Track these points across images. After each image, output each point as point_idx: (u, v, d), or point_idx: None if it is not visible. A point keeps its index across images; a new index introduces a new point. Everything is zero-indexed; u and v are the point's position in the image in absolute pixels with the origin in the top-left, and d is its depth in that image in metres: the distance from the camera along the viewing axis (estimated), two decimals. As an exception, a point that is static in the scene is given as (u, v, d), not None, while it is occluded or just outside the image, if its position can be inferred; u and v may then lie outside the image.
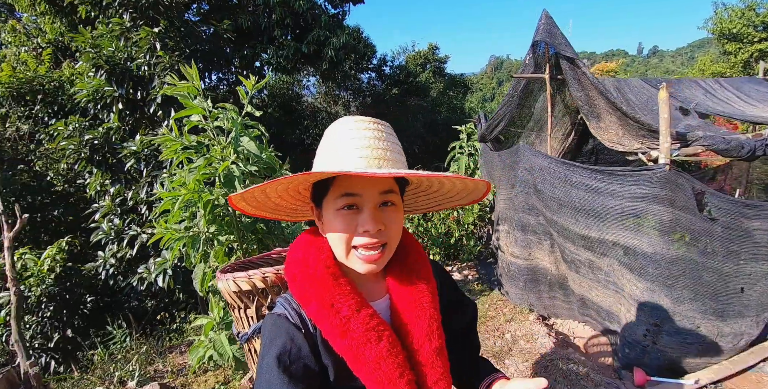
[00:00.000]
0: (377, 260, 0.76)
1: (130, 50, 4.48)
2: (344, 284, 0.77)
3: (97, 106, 4.84)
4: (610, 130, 2.98)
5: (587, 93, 3.00)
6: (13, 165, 6.58)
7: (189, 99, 2.96)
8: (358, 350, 0.73)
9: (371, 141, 0.75)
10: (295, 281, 0.80)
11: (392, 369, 0.73)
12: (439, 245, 4.87)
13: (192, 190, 2.94)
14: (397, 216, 0.79)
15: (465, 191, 0.90)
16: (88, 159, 4.58)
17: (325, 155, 0.78)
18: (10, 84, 5.89)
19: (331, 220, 0.77)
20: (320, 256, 0.80)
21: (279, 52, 7.92)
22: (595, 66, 12.08)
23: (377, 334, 0.74)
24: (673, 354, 2.85)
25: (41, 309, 4.78)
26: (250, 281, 1.64)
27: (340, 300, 0.75)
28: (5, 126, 6.17)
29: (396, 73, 12.87)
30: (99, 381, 3.68)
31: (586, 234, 3.09)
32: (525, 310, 3.84)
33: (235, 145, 3.01)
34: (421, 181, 0.89)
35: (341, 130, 0.78)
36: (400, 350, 0.76)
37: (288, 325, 0.78)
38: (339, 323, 0.73)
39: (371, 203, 0.75)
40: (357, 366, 0.74)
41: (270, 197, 0.86)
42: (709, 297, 2.77)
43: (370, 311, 0.76)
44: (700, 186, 2.56)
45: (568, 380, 2.87)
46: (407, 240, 0.91)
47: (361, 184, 0.75)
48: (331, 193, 0.77)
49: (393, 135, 0.82)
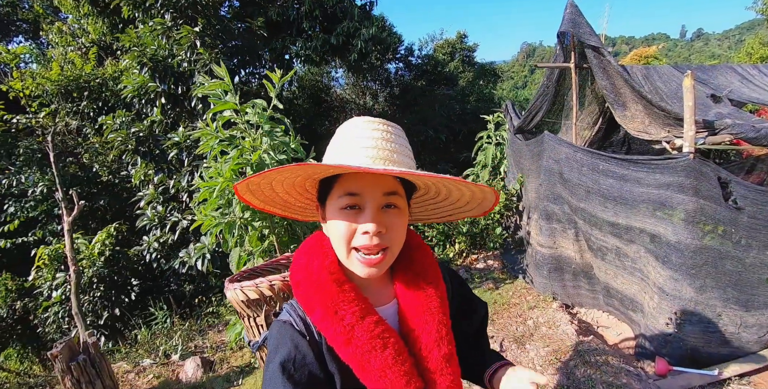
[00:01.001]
0: (377, 264, 0.75)
1: (171, 48, 4.74)
2: (348, 290, 0.76)
3: (141, 100, 5.16)
4: (636, 119, 2.97)
5: (612, 81, 2.99)
6: (62, 157, 7.06)
7: (221, 96, 3.16)
8: (363, 357, 0.72)
9: (378, 141, 0.74)
10: (299, 287, 0.79)
11: (398, 377, 0.71)
12: (465, 233, 4.94)
13: (227, 179, 3.16)
14: (401, 221, 0.77)
15: (475, 200, 0.88)
16: (134, 150, 4.90)
17: (332, 153, 0.78)
18: (58, 82, 6.31)
19: (332, 219, 0.77)
20: (324, 262, 0.79)
21: (307, 44, 8.07)
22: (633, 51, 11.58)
23: (383, 342, 0.72)
24: (696, 344, 2.84)
25: (93, 289, 5.20)
26: (257, 289, 1.62)
27: (344, 307, 0.73)
28: (55, 121, 6.63)
29: (423, 62, 12.80)
30: (146, 353, 4.02)
31: (614, 221, 3.10)
32: (548, 298, 3.89)
33: (266, 136, 3.20)
34: (428, 188, 0.87)
35: (350, 130, 0.78)
36: (407, 357, 0.75)
37: (293, 332, 0.77)
38: (343, 330, 0.72)
39: (373, 204, 0.74)
40: (363, 373, 0.73)
41: (277, 192, 0.86)
42: (732, 287, 2.75)
43: (376, 318, 0.75)
44: (726, 174, 2.54)
45: (589, 365, 2.92)
46: (414, 242, 0.90)
47: (365, 184, 0.74)
48: (334, 192, 0.76)
49: (402, 137, 0.81)
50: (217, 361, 3.72)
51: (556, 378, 2.85)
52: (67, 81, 6.52)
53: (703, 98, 3.18)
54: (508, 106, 4.81)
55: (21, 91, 6.31)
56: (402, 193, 0.78)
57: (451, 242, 5.11)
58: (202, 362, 3.65)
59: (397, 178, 0.77)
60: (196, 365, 3.64)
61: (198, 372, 3.57)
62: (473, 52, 13.82)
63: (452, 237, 5.11)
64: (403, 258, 0.85)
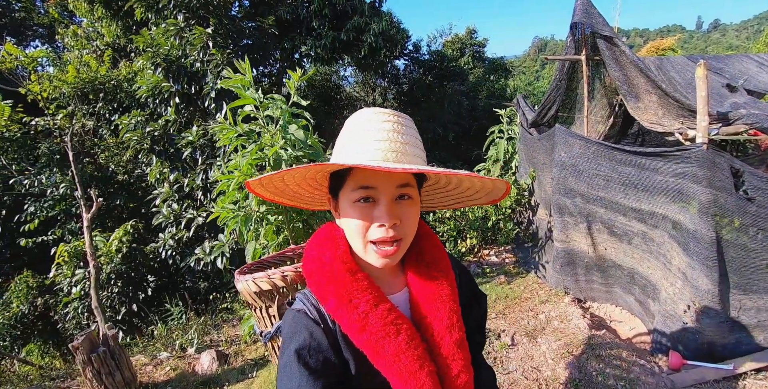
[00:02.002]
0: (392, 254, 0.76)
1: (184, 48, 4.83)
2: (362, 279, 0.77)
3: (156, 100, 5.25)
4: (649, 111, 2.93)
5: (625, 72, 2.96)
6: (80, 158, 7.22)
7: (243, 90, 3.21)
8: (377, 344, 0.73)
9: (390, 134, 0.74)
10: (312, 277, 0.81)
11: (411, 361, 0.73)
12: (476, 229, 4.94)
13: (245, 173, 3.21)
14: (414, 211, 0.79)
15: (484, 190, 0.89)
16: (149, 149, 5.00)
17: (343, 146, 0.78)
18: (75, 84, 6.45)
19: (347, 213, 0.77)
20: (336, 252, 0.81)
21: (317, 43, 8.12)
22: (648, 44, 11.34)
23: (396, 328, 0.74)
24: (712, 338, 2.79)
25: (110, 285, 5.33)
26: (270, 281, 1.63)
27: (358, 296, 0.75)
28: (72, 122, 6.78)
29: (432, 58, 12.76)
30: (163, 347, 4.11)
31: (637, 207, 3.08)
32: (560, 293, 3.87)
33: (283, 132, 3.24)
34: (439, 178, 0.88)
35: (360, 122, 0.78)
36: (419, 342, 0.76)
37: (307, 321, 0.78)
38: (358, 318, 0.74)
39: (387, 196, 0.75)
40: (377, 359, 0.74)
41: (288, 185, 0.87)
42: (750, 281, 2.70)
43: (389, 305, 0.77)
44: (740, 165, 2.50)
45: (600, 359, 2.91)
46: (424, 232, 0.91)
47: (378, 177, 0.74)
48: (348, 185, 0.77)
49: (413, 129, 0.81)
50: (232, 354, 3.79)
51: (568, 371, 2.84)
52: (83, 83, 6.67)
53: (718, 88, 3.13)
54: (520, 100, 4.79)
55: (39, 94, 6.47)
56: (414, 184, 0.79)
57: (462, 237, 5.11)
58: (218, 355, 3.72)
59: None
60: (212, 358, 3.71)
61: (213, 365, 3.64)
62: (483, 47, 13.72)
63: (463, 232, 5.11)
64: (414, 248, 0.86)
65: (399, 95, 13.30)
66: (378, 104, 13.80)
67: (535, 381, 2.80)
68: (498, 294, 3.98)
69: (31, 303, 6.04)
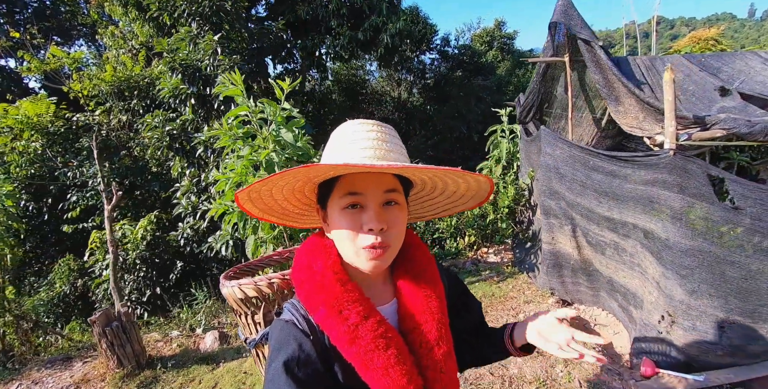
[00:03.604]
0: (381, 257, 0.76)
1: (197, 53, 5.16)
2: (352, 290, 0.77)
3: (176, 100, 5.65)
4: (630, 114, 2.89)
5: (605, 75, 2.93)
6: (117, 151, 7.83)
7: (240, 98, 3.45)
8: (366, 356, 0.73)
9: (374, 142, 0.77)
10: (302, 286, 0.80)
11: (400, 375, 0.73)
12: (473, 226, 4.99)
13: (239, 174, 3.47)
14: (401, 216, 0.80)
15: (470, 192, 0.90)
16: (168, 146, 5.39)
17: (330, 156, 0.80)
18: (112, 82, 6.99)
19: (336, 220, 0.78)
20: (327, 262, 0.80)
21: (335, 42, 8.30)
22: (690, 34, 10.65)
23: (386, 341, 0.74)
24: (690, 351, 2.70)
25: (136, 269, 5.82)
26: (256, 288, 1.61)
27: (349, 307, 0.74)
28: (109, 118, 7.36)
29: (460, 53, 12.62)
30: (176, 326, 4.51)
31: (609, 216, 3.06)
32: (546, 294, 3.89)
33: (273, 136, 3.45)
34: (424, 184, 0.89)
35: (346, 133, 0.80)
36: (408, 356, 0.76)
37: (296, 332, 0.78)
38: (347, 330, 0.73)
39: (375, 201, 0.76)
40: (366, 372, 0.74)
41: (276, 200, 0.87)
42: (734, 296, 2.58)
43: (378, 318, 0.76)
44: (718, 172, 2.44)
45: (567, 362, 2.95)
46: (413, 242, 0.91)
47: (365, 183, 0.76)
48: (336, 193, 0.78)
49: (396, 137, 0.83)
50: (233, 336, 4.11)
51: (535, 371, 2.90)
52: (119, 81, 7.21)
53: (710, 91, 3.03)
54: (520, 98, 4.76)
55: (80, 92, 7.06)
56: (401, 189, 0.81)
57: (461, 235, 5.17)
58: (220, 335, 4.06)
59: (395, 176, 0.80)
60: (214, 338, 4.04)
61: (215, 344, 3.98)
62: (513, 39, 13.41)
63: (462, 230, 5.17)
64: (403, 257, 0.87)
65: (424, 90, 13.29)
66: (404, 99, 13.84)
67: (500, 377, 2.89)
68: (484, 292, 4.05)
69: (72, 284, 6.69)
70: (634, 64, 3.25)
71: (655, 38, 6.64)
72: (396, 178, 0.80)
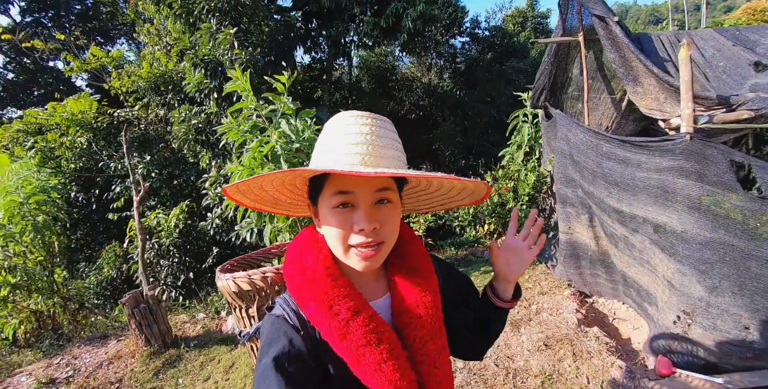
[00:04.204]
0: (373, 257, 0.75)
1: (217, 49, 5.29)
2: (343, 285, 0.76)
3: (201, 95, 5.84)
4: (649, 96, 2.66)
5: (622, 53, 2.71)
6: (156, 143, 8.26)
7: (246, 91, 3.51)
8: (357, 352, 0.72)
9: (368, 137, 0.73)
10: (293, 281, 0.79)
11: (392, 370, 0.72)
12: (491, 215, 4.86)
13: (248, 166, 3.57)
14: (394, 214, 0.78)
15: (466, 191, 0.88)
16: (194, 139, 5.61)
17: (321, 151, 0.78)
18: (148, 78, 7.34)
19: (326, 218, 0.76)
20: (319, 256, 0.79)
21: (358, 30, 8.23)
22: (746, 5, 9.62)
23: (377, 336, 0.73)
24: (710, 352, 2.52)
25: (171, 255, 6.17)
26: (250, 281, 1.59)
27: (339, 302, 0.73)
28: (148, 112, 7.75)
29: (491, 34, 12.14)
30: (203, 309, 4.76)
31: (618, 208, 2.89)
32: (563, 285, 3.75)
33: (276, 129, 3.50)
34: (419, 181, 0.88)
35: (338, 126, 0.76)
36: (400, 351, 0.75)
37: (287, 327, 0.77)
38: (338, 325, 0.72)
39: (366, 201, 0.74)
40: (357, 367, 0.73)
41: (267, 191, 0.85)
42: (762, 294, 2.35)
43: (370, 312, 0.75)
44: (743, 158, 2.22)
45: (576, 356, 2.84)
46: (407, 235, 0.89)
47: (356, 182, 0.74)
48: (326, 191, 0.76)
49: (392, 131, 0.80)
50: (252, 322, 4.29)
51: (541, 364, 2.82)
52: (154, 77, 7.56)
53: (743, 67, 2.74)
54: (543, 82, 4.52)
55: (119, 89, 7.47)
56: (394, 188, 0.78)
57: (480, 223, 5.06)
58: (240, 321, 4.25)
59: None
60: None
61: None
62: (546, 18, 12.71)
63: (481, 218, 5.05)
64: (397, 252, 0.85)
65: (455, 75, 12.93)
66: (434, 84, 13.55)
67: (504, 369, 2.84)
68: (500, 283, 3.96)
69: (118, 269, 7.20)
70: (657, 40, 2.98)
71: (705, 11, 6.07)
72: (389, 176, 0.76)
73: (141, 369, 3.33)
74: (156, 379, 3.19)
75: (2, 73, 13.00)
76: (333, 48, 9.08)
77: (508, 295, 0.95)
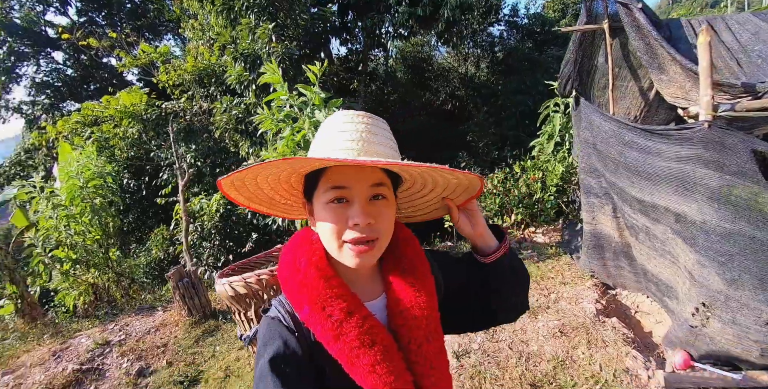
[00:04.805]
0: (367, 252, 0.75)
1: (256, 43, 5.56)
2: (336, 286, 0.76)
3: (240, 86, 6.16)
4: (675, 84, 2.60)
5: (647, 41, 2.65)
6: (200, 134, 8.75)
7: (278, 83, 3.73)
8: (351, 353, 0.72)
9: (363, 134, 0.75)
10: (287, 283, 0.79)
11: (387, 372, 0.72)
12: (517, 205, 4.87)
13: (281, 153, 3.80)
14: (389, 211, 0.78)
15: (461, 187, 0.87)
16: (234, 128, 5.94)
17: (317, 147, 0.79)
18: (193, 72, 7.78)
19: (321, 214, 0.77)
20: (312, 258, 0.79)
21: (394, 20, 8.28)
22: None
23: (371, 337, 0.73)
24: (728, 347, 2.46)
25: (212, 238, 6.60)
26: (245, 284, 1.62)
27: (332, 304, 0.73)
28: (192, 104, 8.22)
29: (530, 22, 11.80)
30: (238, 291, 5.11)
31: (640, 198, 2.86)
32: (586, 276, 3.74)
33: (309, 118, 3.70)
34: (414, 180, 0.87)
35: (334, 124, 0.78)
36: (395, 352, 0.75)
37: (281, 328, 0.77)
38: (331, 326, 0.72)
39: (361, 196, 0.74)
40: (352, 369, 0.73)
41: (262, 188, 0.85)
42: None
43: (364, 313, 0.75)
44: (765, 147, 2.16)
45: (591, 344, 2.87)
46: (402, 234, 0.89)
47: (351, 177, 0.74)
48: (321, 186, 0.76)
49: (387, 130, 0.81)
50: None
51: (555, 350, 2.88)
52: (198, 70, 8.00)
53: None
54: (574, 70, 4.45)
55: (167, 82, 7.97)
56: (388, 184, 0.79)
57: (507, 212, 5.08)
58: (272, 299, 4.55)
59: (383, 170, 0.78)
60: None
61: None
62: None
63: (509, 208, 5.07)
64: (392, 252, 0.85)
65: (492, 64, 12.68)
66: (471, 74, 13.36)
67: (518, 353, 2.92)
68: (521, 272, 4.00)
69: (165, 251, 7.77)
70: (687, 26, 2.88)
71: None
72: (384, 172, 0.78)
73: (183, 336, 3.68)
74: (196, 345, 3.53)
75: (62, 69, 14.14)
76: (368, 39, 9.19)
77: (489, 244, 0.89)
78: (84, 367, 3.32)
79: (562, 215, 4.99)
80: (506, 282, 0.91)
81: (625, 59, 3.13)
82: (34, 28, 13.28)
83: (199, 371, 3.22)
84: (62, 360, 3.42)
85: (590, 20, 3.10)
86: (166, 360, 3.38)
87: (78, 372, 3.27)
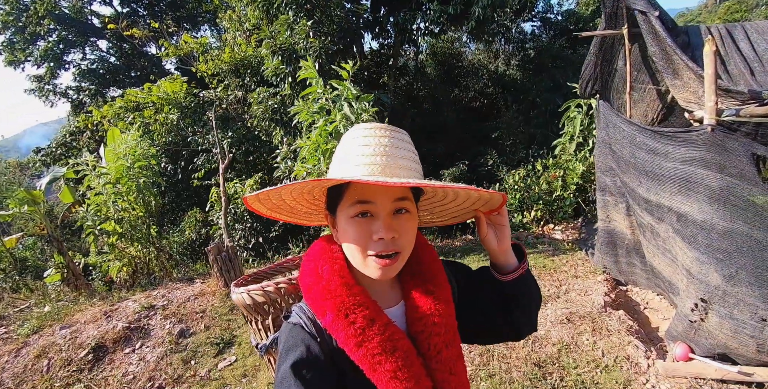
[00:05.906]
0: (390, 265, 0.77)
1: (293, 38, 5.86)
2: (358, 293, 0.78)
3: (276, 78, 6.50)
4: (689, 89, 2.73)
5: (663, 47, 2.79)
6: (235, 122, 9.17)
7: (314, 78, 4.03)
8: (373, 359, 0.73)
9: (386, 149, 0.76)
10: (309, 291, 0.81)
11: (408, 378, 0.73)
12: (536, 201, 5.04)
13: (315, 142, 4.11)
14: (411, 225, 0.80)
15: (481, 201, 0.88)
16: (269, 118, 6.29)
17: (340, 161, 0.80)
18: (229, 62, 8.17)
19: (345, 228, 0.78)
20: (334, 266, 0.81)
21: (426, 17, 8.44)
22: None
23: (392, 344, 0.74)
24: (726, 341, 2.59)
25: (244, 221, 7.02)
26: (264, 293, 1.64)
27: (355, 311, 0.75)
28: (228, 93, 8.63)
29: (564, 19, 11.68)
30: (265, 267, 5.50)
31: (647, 197, 3.02)
32: (598, 271, 3.90)
33: (339, 110, 3.98)
34: (435, 191, 0.89)
35: (357, 137, 0.79)
36: (415, 358, 0.77)
37: (304, 334, 0.79)
38: (354, 334, 0.74)
39: (385, 211, 0.76)
40: (374, 375, 0.74)
41: (285, 200, 0.87)
42: None
43: (385, 320, 0.77)
44: (764, 151, 2.31)
45: (596, 332, 3.06)
46: (421, 243, 0.90)
47: (375, 192, 0.75)
48: (345, 200, 0.78)
49: (409, 142, 0.82)
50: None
51: (561, 335, 3.08)
52: (235, 61, 8.38)
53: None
54: (599, 72, 4.56)
55: (205, 72, 8.40)
56: (411, 197, 0.80)
57: (527, 208, 5.25)
58: (294, 278, 4.91)
59: None
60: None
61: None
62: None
63: (529, 204, 5.23)
64: (410, 260, 0.86)
65: (523, 62, 12.62)
66: (501, 72, 13.33)
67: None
68: (535, 263, 4.20)
69: (198, 232, 8.25)
70: (705, 33, 2.99)
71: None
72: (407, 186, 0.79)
73: (219, 305, 4.06)
74: (231, 313, 3.90)
75: (106, 56, 14.90)
76: (400, 35, 9.36)
77: (510, 262, 0.90)
78: (132, 326, 3.74)
79: (581, 213, 5.13)
80: (519, 303, 0.91)
81: (643, 63, 3.26)
82: (81, 18, 14.06)
83: (233, 335, 3.59)
84: (113, 319, 3.85)
85: (609, 25, 3.23)
86: (204, 324, 3.76)
87: (127, 330, 3.69)
